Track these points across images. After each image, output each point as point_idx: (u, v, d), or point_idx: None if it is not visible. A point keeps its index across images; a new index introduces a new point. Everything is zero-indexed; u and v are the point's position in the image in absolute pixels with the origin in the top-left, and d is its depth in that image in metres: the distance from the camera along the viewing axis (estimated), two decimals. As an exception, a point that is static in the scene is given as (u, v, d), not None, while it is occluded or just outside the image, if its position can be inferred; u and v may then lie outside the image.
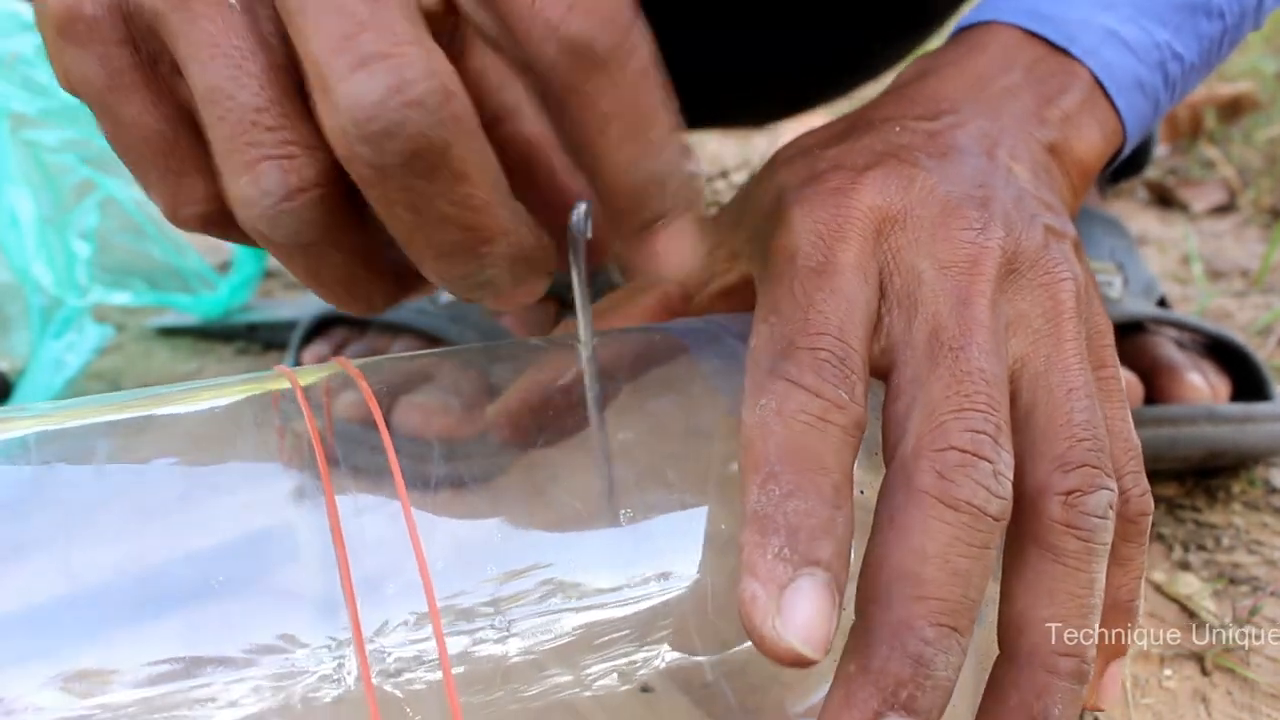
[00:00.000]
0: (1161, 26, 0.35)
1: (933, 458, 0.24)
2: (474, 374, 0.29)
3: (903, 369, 0.26)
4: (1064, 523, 0.25)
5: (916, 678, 0.22)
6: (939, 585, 0.23)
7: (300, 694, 0.22)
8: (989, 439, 0.24)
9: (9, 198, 0.58)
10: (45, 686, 0.21)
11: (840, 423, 0.24)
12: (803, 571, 0.22)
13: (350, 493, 0.24)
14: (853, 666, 0.23)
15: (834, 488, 0.23)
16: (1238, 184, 1.06)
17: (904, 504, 0.24)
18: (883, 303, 0.27)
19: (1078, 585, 0.25)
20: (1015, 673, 0.25)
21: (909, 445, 0.25)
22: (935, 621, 0.22)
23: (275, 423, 0.26)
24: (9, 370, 0.59)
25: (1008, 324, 0.27)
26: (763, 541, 0.23)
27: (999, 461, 0.24)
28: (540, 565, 0.24)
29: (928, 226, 0.27)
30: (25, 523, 0.23)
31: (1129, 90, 0.34)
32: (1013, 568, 0.26)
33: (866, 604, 0.23)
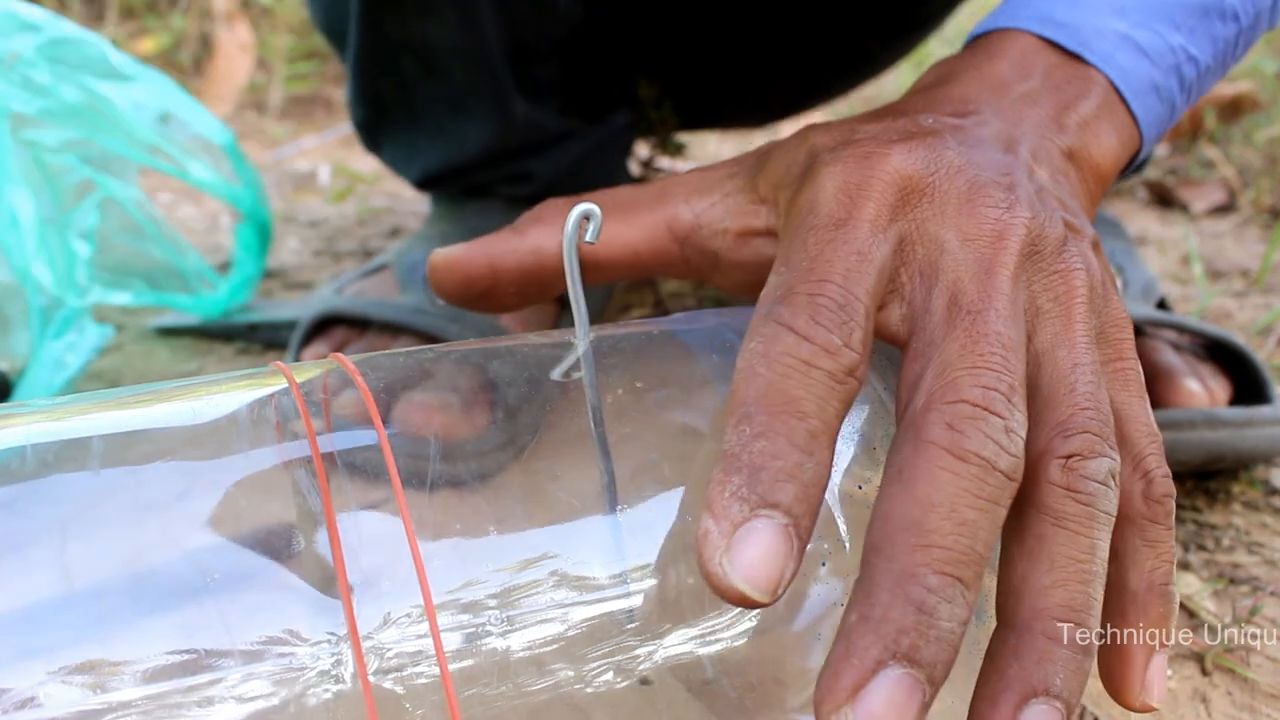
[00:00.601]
0: (1175, 30, 0.35)
1: (943, 410, 0.24)
2: (472, 371, 0.29)
3: (920, 333, 0.26)
4: (1064, 486, 0.25)
5: (919, 626, 0.22)
6: (944, 534, 0.22)
7: (299, 689, 0.22)
8: (1001, 396, 0.24)
9: (9, 198, 0.58)
10: (44, 683, 0.21)
11: (827, 367, 0.24)
12: (759, 512, 0.22)
13: (347, 490, 0.24)
14: (854, 616, 0.22)
15: (808, 433, 0.23)
16: (1238, 184, 1.06)
17: (912, 456, 0.23)
18: (904, 270, 0.27)
19: (1078, 550, 0.24)
20: (1015, 641, 0.24)
21: (920, 400, 0.24)
22: (939, 570, 0.22)
23: (273, 419, 0.26)
24: (9, 370, 0.59)
25: (1023, 305, 0.27)
26: (724, 479, 0.22)
27: (1011, 419, 0.24)
28: (538, 560, 0.24)
29: (954, 201, 0.28)
30: (22, 520, 0.23)
31: (1144, 95, 0.34)
32: (1012, 534, 0.25)
33: (870, 555, 0.23)
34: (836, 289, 0.25)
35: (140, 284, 0.67)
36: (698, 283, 0.81)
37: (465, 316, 0.58)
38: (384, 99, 0.62)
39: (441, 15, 0.55)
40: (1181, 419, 0.50)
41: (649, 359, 0.30)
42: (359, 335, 0.59)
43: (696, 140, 1.33)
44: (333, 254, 0.91)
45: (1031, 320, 0.27)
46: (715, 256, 0.32)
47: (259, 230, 0.71)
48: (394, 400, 0.27)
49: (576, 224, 0.26)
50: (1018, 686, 0.23)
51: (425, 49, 0.57)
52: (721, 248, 0.32)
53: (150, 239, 0.67)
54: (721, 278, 0.33)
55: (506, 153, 0.62)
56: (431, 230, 0.66)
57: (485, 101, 0.58)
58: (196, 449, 0.25)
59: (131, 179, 0.66)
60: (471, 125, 0.60)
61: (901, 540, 0.22)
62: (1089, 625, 0.24)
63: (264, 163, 1.24)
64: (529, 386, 0.29)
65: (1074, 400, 0.26)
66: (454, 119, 0.60)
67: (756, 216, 0.31)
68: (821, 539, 0.26)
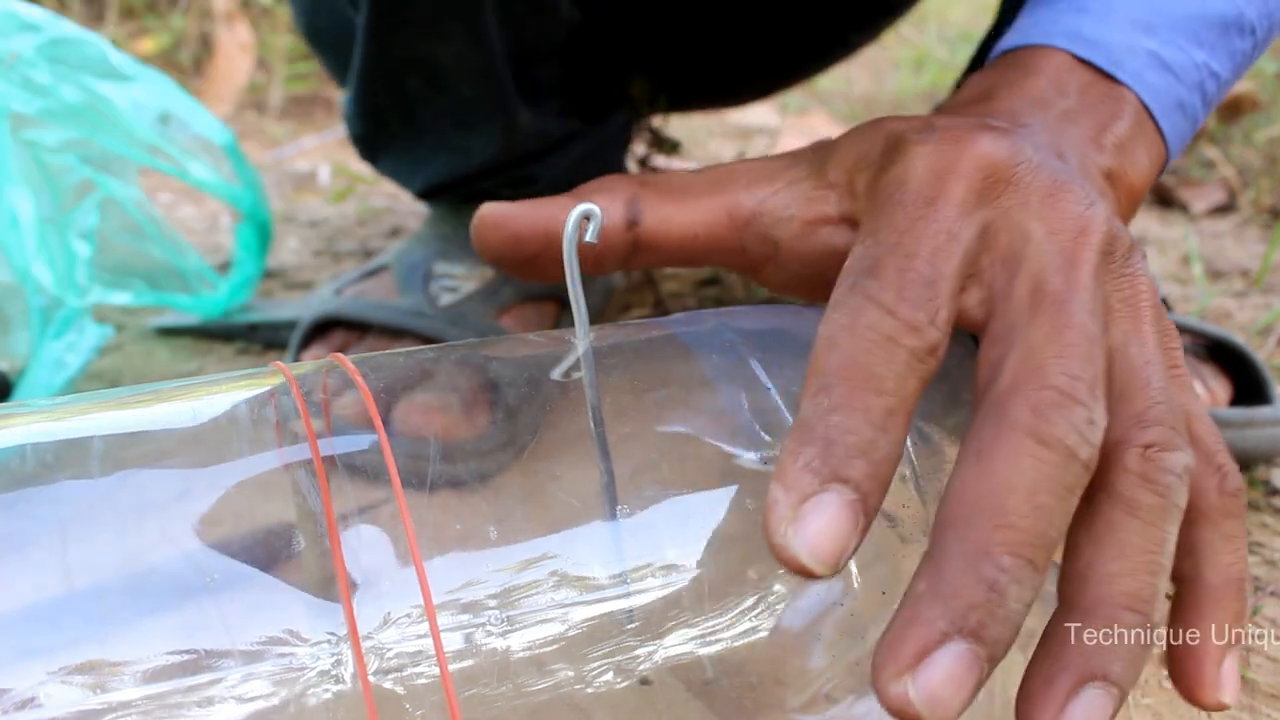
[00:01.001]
0: (1199, 47, 0.35)
1: (1029, 395, 0.24)
2: (472, 372, 0.29)
3: (1000, 318, 0.26)
4: (1140, 475, 0.25)
5: (988, 604, 0.21)
6: (1022, 516, 0.22)
7: (300, 690, 0.22)
8: (1086, 386, 0.24)
9: (9, 198, 0.58)
10: (44, 683, 0.21)
11: (910, 345, 0.24)
12: (829, 486, 0.22)
13: (347, 491, 0.24)
14: (922, 586, 0.22)
15: (885, 410, 0.23)
16: (1238, 184, 1.06)
17: (994, 438, 0.23)
18: (985, 255, 0.27)
19: (1149, 541, 0.24)
20: (1076, 625, 0.24)
21: (1004, 383, 0.24)
22: (1014, 551, 0.22)
23: (273, 420, 0.26)
24: (9, 370, 0.59)
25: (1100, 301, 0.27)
26: (796, 450, 0.22)
27: (1094, 410, 0.24)
28: (538, 561, 0.24)
29: (1038, 193, 0.28)
30: (23, 520, 0.23)
31: (1172, 113, 0.34)
32: (1082, 521, 0.25)
33: (942, 530, 0.23)
34: (925, 265, 0.25)
35: (140, 284, 0.67)
36: (698, 283, 0.81)
37: (464, 319, 0.58)
38: (385, 114, 0.61)
39: (448, 32, 0.54)
40: None
41: (649, 359, 0.30)
42: (359, 338, 0.59)
43: (696, 140, 1.33)
44: (333, 254, 0.91)
45: (1105, 318, 0.27)
46: (776, 246, 0.31)
47: (259, 230, 0.71)
48: (394, 401, 0.27)
49: (576, 224, 0.26)
50: (1075, 669, 0.23)
51: (432, 67, 0.56)
52: (785, 236, 0.31)
53: (150, 239, 0.67)
54: (775, 271, 0.32)
55: (510, 160, 0.62)
56: (432, 231, 0.66)
57: (490, 113, 0.58)
58: (197, 449, 0.25)
59: (131, 179, 0.66)
60: (476, 138, 0.60)
61: (978, 519, 0.22)
62: (1152, 618, 0.24)
63: (264, 163, 1.24)
64: (529, 387, 0.29)
65: (1149, 394, 0.26)
66: (459, 133, 0.60)
67: (826, 202, 0.31)
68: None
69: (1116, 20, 0.34)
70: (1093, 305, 0.26)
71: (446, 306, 0.59)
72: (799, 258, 0.31)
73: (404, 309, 0.58)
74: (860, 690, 0.26)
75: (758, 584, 0.26)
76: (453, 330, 0.57)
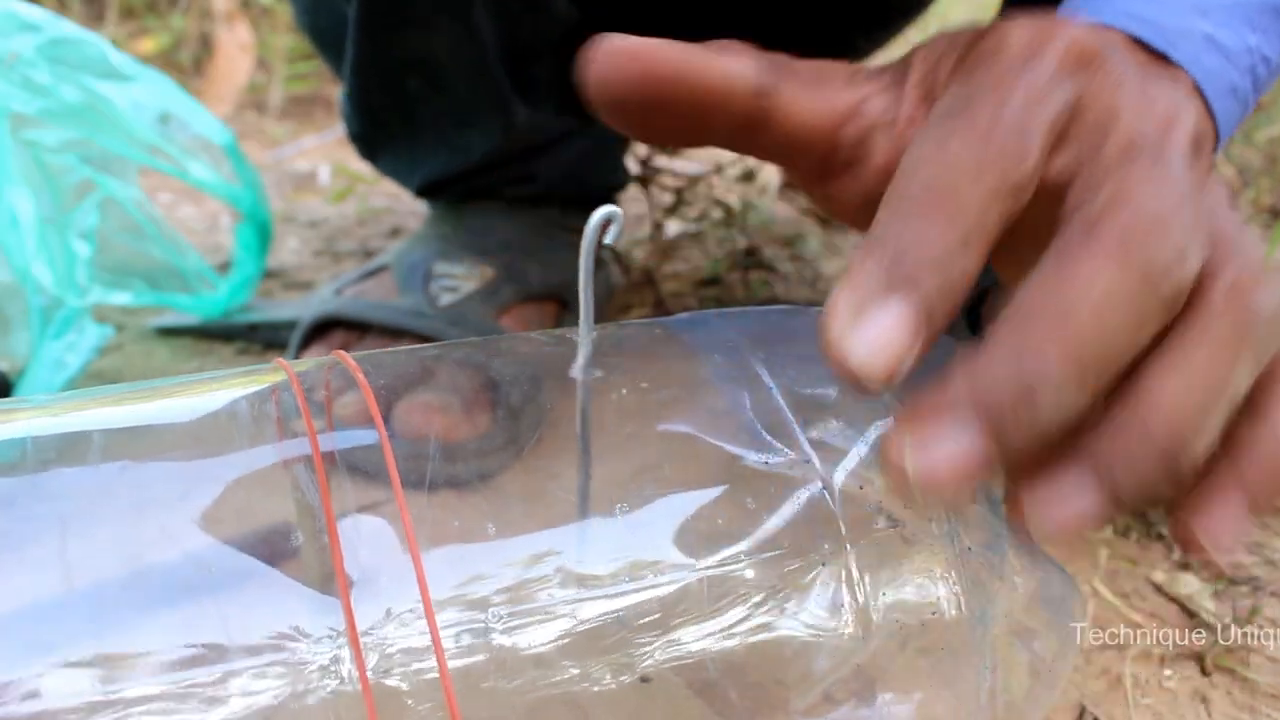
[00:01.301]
0: (1251, 30, 0.34)
1: (1121, 213, 0.22)
2: (473, 371, 0.29)
3: (1091, 169, 0.24)
4: (1224, 306, 0.23)
5: (1017, 403, 0.20)
6: (1084, 326, 0.21)
7: (301, 686, 0.22)
8: (1183, 223, 0.22)
9: (9, 198, 0.58)
10: (44, 678, 0.21)
11: (1000, 172, 0.23)
12: (896, 291, 0.21)
13: (347, 488, 0.24)
14: (960, 371, 0.21)
15: (964, 234, 0.22)
16: (1238, 184, 1.06)
17: (1078, 247, 0.22)
18: (1075, 124, 0.25)
19: (1215, 369, 0.22)
20: (1110, 421, 0.22)
21: (1098, 204, 0.23)
22: (1065, 356, 0.20)
23: (274, 417, 0.26)
24: (9, 370, 0.59)
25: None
26: (868, 254, 0.21)
27: (1189, 246, 0.22)
28: (538, 559, 0.24)
29: (1130, 79, 0.27)
30: (23, 518, 0.23)
31: (1224, 97, 0.34)
32: (1152, 350, 0.23)
33: (998, 325, 0.21)
34: (1019, 111, 0.24)
35: (140, 284, 0.67)
36: (698, 283, 0.81)
37: (464, 319, 0.58)
38: (383, 113, 0.61)
39: (440, 29, 0.54)
40: None
41: (652, 359, 0.30)
42: (359, 338, 0.59)
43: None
44: (333, 254, 0.91)
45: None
46: (866, 150, 0.29)
47: (259, 230, 0.71)
48: (395, 399, 0.27)
49: (599, 225, 0.26)
50: (1086, 462, 0.22)
51: (428, 64, 0.56)
52: (879, 140, 0.29)
53: (150, 239, 0.67)
54: (849, 182, 0.30)
55: (509, 157, 0.62)
56: (431, 231, 0.66)
57: (488, 111, 0.58)
58: (197, 446, 0.25)
59: (131, 179, 0.66)
60: (474, 135, 0.60)
61: (1038, 318, 0.21)
62: (1192, 448, 0.22)
63: (264, 163, 1.23)
64: (530, 386, 0.29)
65: (1238, 249, 0.24)
66: (457, 130, 0.60)
67: (919, 104, 0.29)
68: (822, 539, 0.26)
69: (1171, 2, 0.34)
70: (1188, 167, 0.24)
71: (446, 306, 0.59)
72: (884, 167, 0.29)
73: (404, 309, 0.58)
74: (864, 692, 0.26)
75: (759, 583, 0.26)
76: (453, 330, 0.57)
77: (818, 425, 0.27)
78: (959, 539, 0.27)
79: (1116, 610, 0.45)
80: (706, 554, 0.26)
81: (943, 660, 0.27)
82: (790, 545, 0.26)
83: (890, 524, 0.27)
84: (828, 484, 0.27)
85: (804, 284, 0.82)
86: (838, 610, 0.26)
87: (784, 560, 0.26)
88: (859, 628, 0.26)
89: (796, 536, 0.26)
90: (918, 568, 0.27)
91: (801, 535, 0.26)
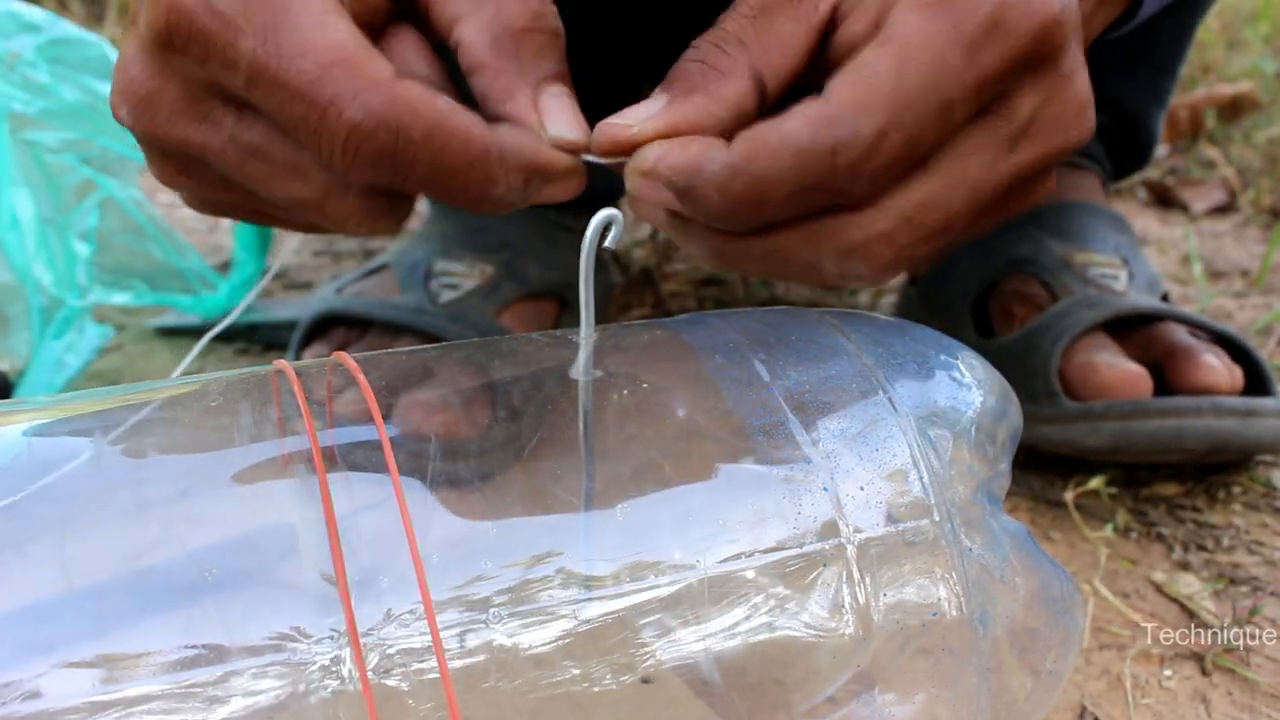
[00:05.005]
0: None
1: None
2: (474, 370, 0.29)
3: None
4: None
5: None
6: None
7: (302, 686, 0.22)
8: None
9: (9, 198, 0.58)
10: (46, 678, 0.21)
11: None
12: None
13: (348, 488, 0.24)
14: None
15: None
16: (1238, 184, 1.06)
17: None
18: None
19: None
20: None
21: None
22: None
23: (275, 416, 0.26)
24: (9, 370, 0.59)
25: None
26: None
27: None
28: (539, 559, 0.24)
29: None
30: (23, 518, 0.23)
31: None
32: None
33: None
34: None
35: (140, 284, 0.67)
36: (698, 283, 0.81)
37: (464, 316, 0.58)
38: None
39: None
40: (1187, 406, 0.50)
41: (652, 359, 0.30)
42: (359, 336, 0.59)
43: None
44: (333, 254, 0.91)
45: None
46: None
47: (259, 230, 0.71)
48: (396, 399, 0.27)
49: (599, 228, 0.26)
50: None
51: None
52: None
53: (150, 239, 0.67)
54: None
55: None
56: (432, 229, 0.66)
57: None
58: (198, 446, 0.25)
59: (131, 179, 0.66)
60: None
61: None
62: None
63: (264, 163, 1.23)
64: (531, 386, 0.29)
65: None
66: None
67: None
68: (822, 539, 0.26)
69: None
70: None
71: (447, 304, 0.59)
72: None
73: (404, 306, 0.58)
74: (863, 692, 0.26)
75: (759, 584, 0.26)
76: (453, 327, 0.57)
77: (818, 425, 0.27)
78: (959, 539, 0.27)
79: (1116, 610, 0.45)
80: (707, 554, 0.25)
81: (943, 660, 0.27)
82: (791, 546, 0.26)
83: (890, 524, 0.27)
84: (828, 484, 0.27)
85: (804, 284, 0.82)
86: (838, 611, 0.26)
87: (785, 561, 0.26)
88: (860, 628, 0.26)
89: (797, 537, 0.26)
90: (918, 568, 0.27)
91: (802, 536, 0.26)
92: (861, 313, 0.33)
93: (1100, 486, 0.53)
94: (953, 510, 0.27)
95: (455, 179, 0.27)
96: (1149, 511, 0.52)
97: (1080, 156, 0.68)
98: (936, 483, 0.27)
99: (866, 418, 0.28)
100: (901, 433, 0.28)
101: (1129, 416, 0.51)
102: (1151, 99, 0.69)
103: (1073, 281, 0.58)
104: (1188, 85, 1.22)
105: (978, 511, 0.28)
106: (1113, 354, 0.54)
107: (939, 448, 0.28)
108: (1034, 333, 0.56)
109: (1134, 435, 0.51)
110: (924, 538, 0.27)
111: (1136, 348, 0.55)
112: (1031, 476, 0.55)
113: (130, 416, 0.26)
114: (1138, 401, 0.51)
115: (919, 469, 0.27)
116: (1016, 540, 0.29)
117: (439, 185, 0.28)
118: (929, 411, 0.28)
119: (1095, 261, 0.60)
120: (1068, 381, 0.54)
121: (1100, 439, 0.51)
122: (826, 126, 0.26)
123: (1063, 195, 0.65)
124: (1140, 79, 0.68)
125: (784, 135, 0.26)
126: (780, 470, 0.27)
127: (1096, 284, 0.58)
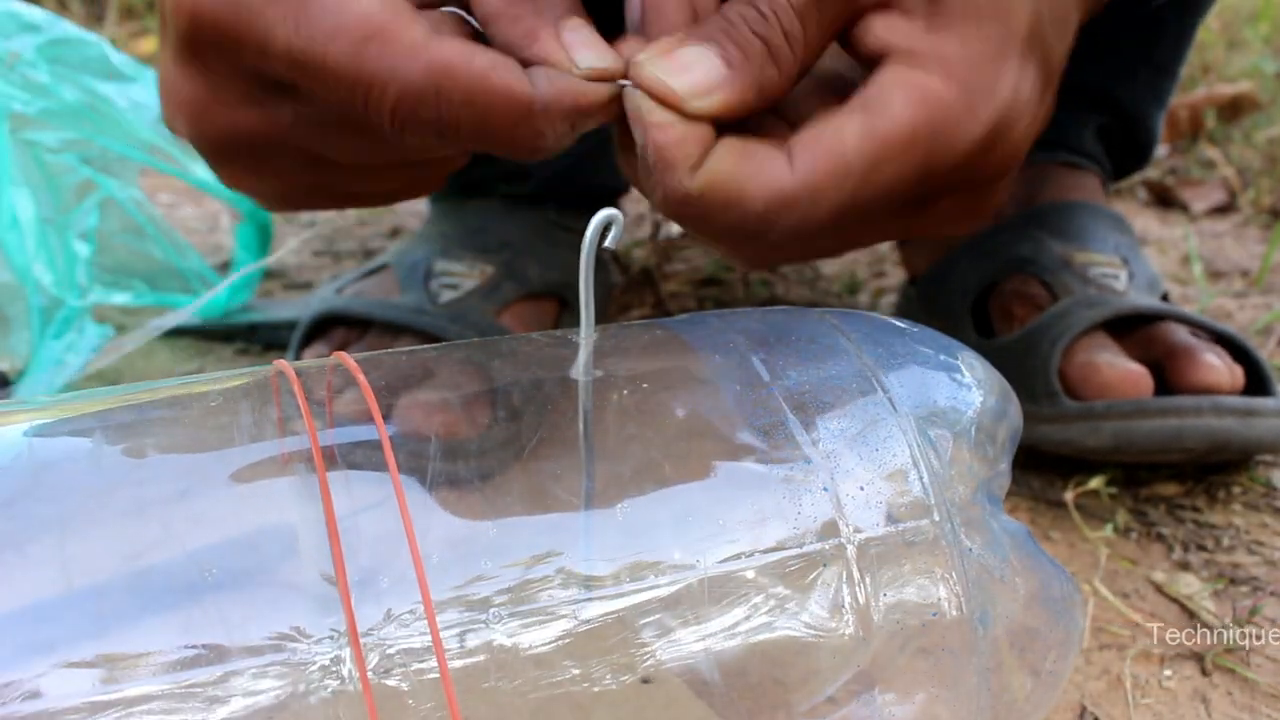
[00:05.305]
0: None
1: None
2: (474, 370, 0.29)
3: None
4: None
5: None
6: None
7: (302, 686, 0.22)
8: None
9: (9, 198, 0.58)
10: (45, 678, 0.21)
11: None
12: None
13: (348, 488, 0.24)
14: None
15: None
16: (1238, 184, 1.06)
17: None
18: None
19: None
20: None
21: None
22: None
23: (274, 416, 0.26)
24: (9, 370, 0.59)
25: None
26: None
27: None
28: (539, 559, 0.24)
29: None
30: (23, 518, 0.23)
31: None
32: None
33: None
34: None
35: (140, 284, 0.67)
36: (698, 283, 0.81)
37: (465, 316, 0.58)
38: None
39: None
40: (1187, 406, 0.50)
41: (652, 359, 0.30)
42: (359, 336, 0.59)
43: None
44: (333, 254, 0.91)
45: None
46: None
47: (259, 230, 0.71)
48: (395, 399, 0.27)
49: (599, 228, 0.26)
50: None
51: None
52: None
53: (150, 239, 0.67)
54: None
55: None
56: (432, 230, 0.66)
57: None
58: (198, 445, 0.25)
59: (131, 179, 0.66)
60: None
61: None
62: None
63: (264, 163, 1.23)
64: (531, 386, 0.29)
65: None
66: None
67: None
68: (822, 539, 0.26)
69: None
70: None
71: (447, 304, 0.59)
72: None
73: (404, 306, 0.58)
74: (863, 692, 0.26)
75: (759, 584, 0.26)
76: (453, 327, 0.57)
77: (818, 425, 0.27)
78: (959, 539, 0.27)
79: (1116, 610, 0.45)
80: (707, 554, 0.25)
81: (943, 660, 0.27)
82: (791, 546, 0.26)
83: (891, 524, 0.27)
84: (828, 484, 0.27)
85: (804, 284, 0.82)
86: (838, 611, 0.26)
87: (785, 561, 0.26)
88: (860, 628, 0.26)
89: (797, 537, 0.26)
90: (918, 568, 0.27)
91: (802, 536, 0.26)
92: (861, 313, 0.33)
93: (1100, 486, 0.53)
94: (953, 510, 0.27)
95: (503, 137, 0.28)
96: (1149, 511, 0.52)
97: (1080, 156, 0.68)
98: (936, 483, 0.27)
99: (866, 418, 0.28)
100: (901, 433, 0.28)
101: (1129, 416, 0.51)
102: (1152, 99, 0.69)
103: (1073, 281, 0.58)
104: (1188, 85, 1.22)
105: (978, 511, 0.28)
106: (1113, 354, 0.54)
107: (939, 448, 0.28)
108: (1034, 332, 0.56)
109: (1134, 435, 0.51)
110: (924, 538, 0.27)
111: (1137, 347, 0.55)
112: (1031, 476, 0.55)
113: (129, 416, 0.26)
114: (1138, 401, 0.51)
115: (919, 469, 0.27)
116: (1016, 540, 0.29)
117: (489, 144, 0.28)
118: (929, 411, 0.28)
119: (1095, 261, 0.60)
120: (1068, 381, 0.54)
121: (1100, 439, 0.51)
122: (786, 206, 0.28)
123: (1063, 195, 0.65)
124: (1140, 79, 0.68)
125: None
126: (780, 470, 0.27)
127: (1097, 284, 0.58)
